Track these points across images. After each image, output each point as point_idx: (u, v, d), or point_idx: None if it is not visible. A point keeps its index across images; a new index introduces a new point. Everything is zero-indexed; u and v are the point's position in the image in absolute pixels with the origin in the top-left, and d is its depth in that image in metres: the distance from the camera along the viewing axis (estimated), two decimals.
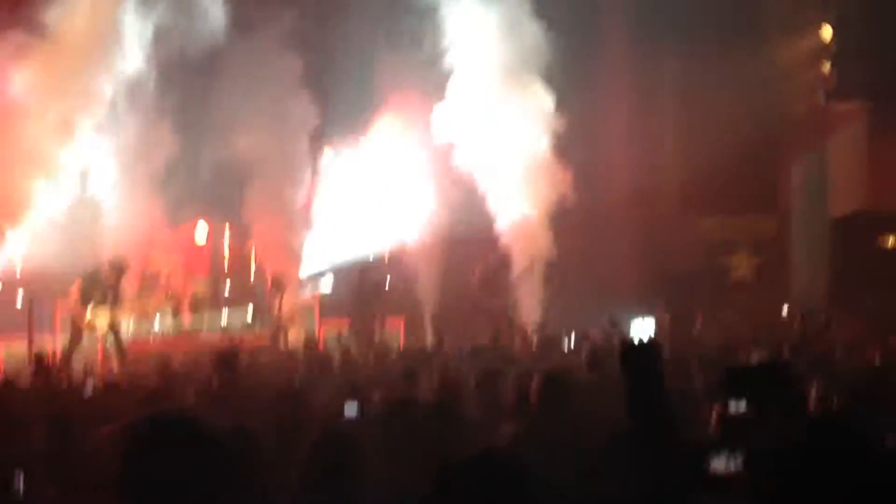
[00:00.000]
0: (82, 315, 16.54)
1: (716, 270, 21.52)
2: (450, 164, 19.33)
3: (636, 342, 4.37)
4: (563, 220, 19.37)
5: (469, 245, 20.25)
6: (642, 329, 16.48)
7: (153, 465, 3.30)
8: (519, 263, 18.79)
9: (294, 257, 19.44)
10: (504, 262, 18.81)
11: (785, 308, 18.27)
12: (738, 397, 5.31)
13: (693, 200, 21.34)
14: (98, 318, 16.63)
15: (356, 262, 20.30)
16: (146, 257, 18.91)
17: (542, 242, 19.10)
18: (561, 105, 18.95)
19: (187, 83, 18.26)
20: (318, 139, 19.67)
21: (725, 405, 5.04)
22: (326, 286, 20.08)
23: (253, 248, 20.04)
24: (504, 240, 19.18)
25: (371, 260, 20.09)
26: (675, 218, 21.57)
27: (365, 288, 19.00)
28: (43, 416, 8.19)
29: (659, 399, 4.30)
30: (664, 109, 21.50)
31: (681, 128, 21.15)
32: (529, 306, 18.79)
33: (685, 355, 9.95)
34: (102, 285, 16.71)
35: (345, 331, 18.62)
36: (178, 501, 3.29)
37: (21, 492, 6.01)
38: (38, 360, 11.52)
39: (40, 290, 18.61)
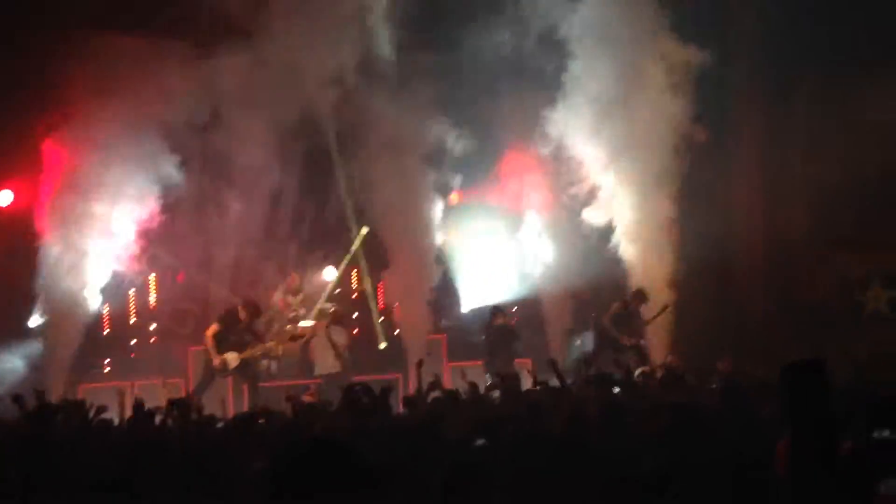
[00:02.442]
0: (215, 355, 16.90)
1: (850, 306, 21.01)
2: (579, 209, 19.55)
3: (797, 363, 4.22)
4: (695, 259, 19.27)
5: (599, 289, 20.29)
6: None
7: (309, 492, 3.33)
8: (652, 304, 18.67)
9: (422, 300, 19.50)
10: (637, 302, 18.71)
11: None
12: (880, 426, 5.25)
13: (826, 235, 20.87)
14: (230, 359, 16.96)
15: (485, 305, 20.45)
16: (277, 300, 19.27)
17: (674, 281, 19.05)
18: (691, 135, 18.95)
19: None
20: (446, 182, 19.73)
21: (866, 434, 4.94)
22: (453, 327, 20.10)
23: (378, 290, 20.24)
24: (636, 280, 19.15)
25: (501, 303, 20.03)
26: (808, 253, 21.16)
27: (497, 329, 19.00)
28: (181, 450, 8.40)
29: (824, 418, 4.11)
30: (798, 141, 21.09)
31: (814, 161, 20.74)
32: (660, 344, 18.73)
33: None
34: (237, 328, 17.07)
35: (470, 370, 18.67)
36: None
37: None
38: (172, 400, 11.71)
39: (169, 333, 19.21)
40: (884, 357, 16.65)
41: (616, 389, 12.26)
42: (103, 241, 17.52)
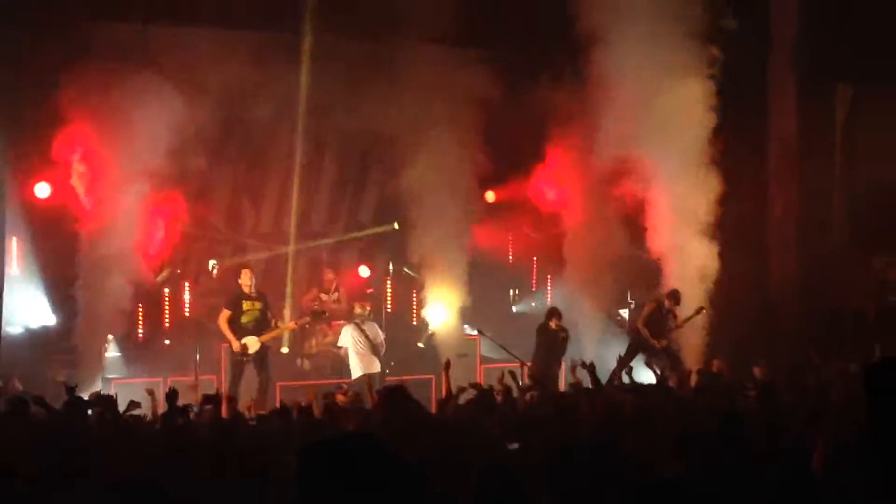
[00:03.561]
0: (233, 340, 16.86)
1: (889, 310, 20.85)
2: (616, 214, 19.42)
3: (884, 363, 4.10)
4: (730, 263, 19.10)
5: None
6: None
7: (340, 487, 3.26)
8: (687, 307, 18.50)
9: (457, 300, 19.38)
10: (671, 302, 18.54)
11: None
12: None
13: (864, 238, 20.75)
14: (249, 342, 16.91)
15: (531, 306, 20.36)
16: (313, 296, 19.34)
17: (710, 283, 18.86)
18: (724, 139, 18.73)
19: None
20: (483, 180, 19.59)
21: None
22: (488, 330, 19.94)
23: (416, 291, 20.15)
24: (672, 281, 18.99)
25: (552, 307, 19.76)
26: (845, 255, 21.02)
27: (551, 332, 18.68)
28: (213, 448, 8.38)
29: None
30: (837, 141, 20.96)
31: (854, 162, 20.62)
32: (695, 348, 18.58)
33: None
34: (248, 315, 17.04)
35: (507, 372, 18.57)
36: None
37: None
38: (206, 396, 11.73)
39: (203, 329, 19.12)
40: None
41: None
42: (135, 236, 17.49)
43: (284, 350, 18.19)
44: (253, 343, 16.91)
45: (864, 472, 6.17)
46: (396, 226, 19.64)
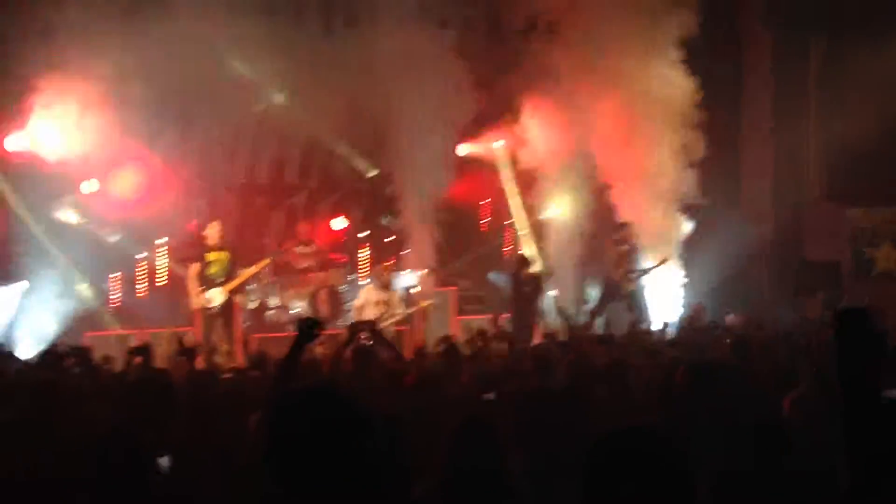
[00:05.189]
0: (196, 294, 16.66)
1: (860, 262, 21.02)
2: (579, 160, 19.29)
3: (852, 308, 4.16)
4: (706, 211, 19.18)
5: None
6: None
7: (304, 439, 3.30)
8: (656, 255, 18.59)
9: (432, 252, 19.33)
10: (627, 236, 18.65)
11: None
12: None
13: (838, 190, 20.88)
14: (212, 295, 16.61)
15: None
16: (286, 247, 19.28)
17: (681, 231, 18.95)
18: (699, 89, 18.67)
19: None
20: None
21: None
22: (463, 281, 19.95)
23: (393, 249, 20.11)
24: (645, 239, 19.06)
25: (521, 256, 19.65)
26: (819, 207, 21.16)
27: (524, 280, 18.60)
28: (185, 401, 8.36)
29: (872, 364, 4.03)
30: (811, 94, 21.02)
31: (828, 115, 20.67)
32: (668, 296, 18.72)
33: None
34: (214, 266, 16.86)
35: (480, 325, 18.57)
36: (327, 479, 3.30)
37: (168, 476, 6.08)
38: (180, 350, 11.65)
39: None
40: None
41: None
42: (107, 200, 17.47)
43: (251, 306, 18.08)
44: (217, 295, 16.65)
45: (833, 420, 6.26)
46: (373, 172, 19.64)
